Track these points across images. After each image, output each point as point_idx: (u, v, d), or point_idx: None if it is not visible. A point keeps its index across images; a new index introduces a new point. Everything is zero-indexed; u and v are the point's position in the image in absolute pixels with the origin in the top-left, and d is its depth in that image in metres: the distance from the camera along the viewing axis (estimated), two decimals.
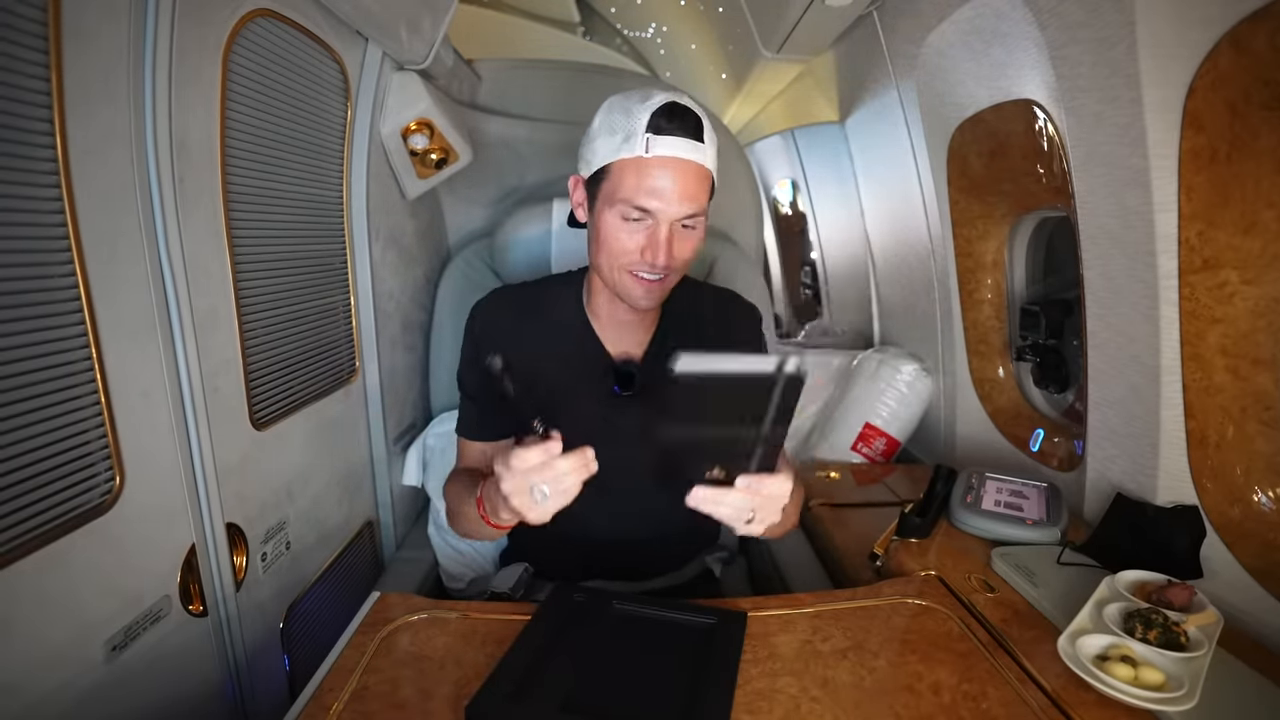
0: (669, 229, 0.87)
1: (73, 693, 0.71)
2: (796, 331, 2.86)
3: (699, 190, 0.88)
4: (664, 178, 0.85)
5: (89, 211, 0.71)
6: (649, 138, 0.85)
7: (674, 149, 0.85)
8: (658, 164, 0.85)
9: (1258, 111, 0.88)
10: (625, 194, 0.87)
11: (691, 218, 0.88)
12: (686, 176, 0.86)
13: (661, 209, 0.86)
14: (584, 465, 0.74)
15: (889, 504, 1.41)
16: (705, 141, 0.88)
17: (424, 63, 1.31)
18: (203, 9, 0.83)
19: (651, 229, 0.88)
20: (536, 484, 0.72)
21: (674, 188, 0.85)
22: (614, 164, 0.88)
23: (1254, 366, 0.97)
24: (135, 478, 0.78)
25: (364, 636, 0.82)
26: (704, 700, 0.69)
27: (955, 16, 1.31)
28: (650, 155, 0.85)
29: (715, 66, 2.63)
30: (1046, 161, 1.30)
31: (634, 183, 0.86)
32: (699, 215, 0.89)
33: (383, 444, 1.39)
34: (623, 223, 0.88)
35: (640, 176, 0.85)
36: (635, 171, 0.86)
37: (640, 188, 0.86)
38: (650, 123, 0.85)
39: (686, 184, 0.86)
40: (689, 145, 0.86)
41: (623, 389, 1.00)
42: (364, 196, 1.28)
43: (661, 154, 0.85)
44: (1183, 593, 0.83)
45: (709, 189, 0.91)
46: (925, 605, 0.90)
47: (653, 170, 0.85)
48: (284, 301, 1.09)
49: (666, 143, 0.85)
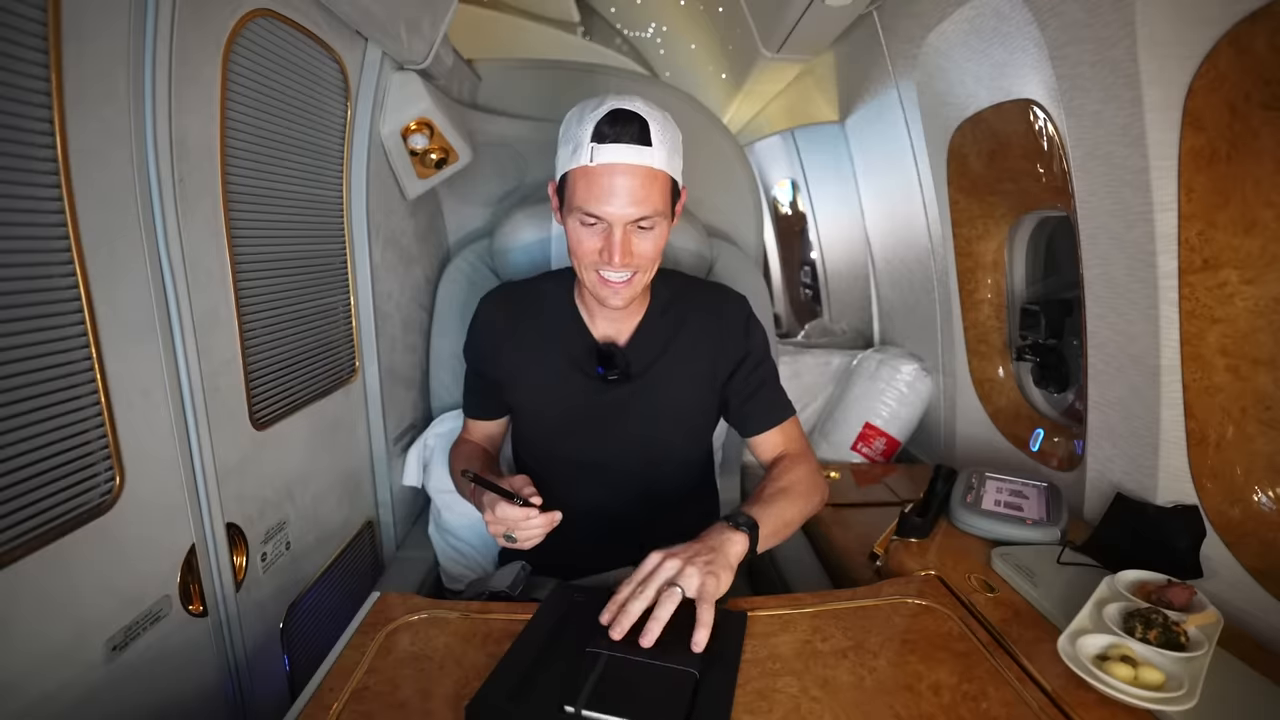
0: (622, 231, 0.91)
1: (73, 692, 0.71)
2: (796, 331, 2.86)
3: (648, 193, 0.90)
4: (607, 185, 0.89)
5: (89, 211, 0.71)
6: (593, 147, 0.89)
7: (617, 155, 0.89)
8: (603, 172, 0.89)
9: (1258, 111, 0.88)
10: (578, 201, 0.92)
11: (644, 219, 0.92)
12: (633, 181, 0.89)
13: (611, 213, 0.90)
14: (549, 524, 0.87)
15: (889, 504, 1.41)
16: (654, 144, 0.90)
17: (424, 62, 1.31)
18: (202, 9, 0.83)
19: (606, 232, 0.92)
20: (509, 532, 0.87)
21: (620, 194, 0.89)
22: (568, 173, 0.93)
23: (1254, 366, 0.97)
24: (135, 478, 0.78)
25: (364, 636, 0.82)
26: (704, 699, 0.69)
27: (955, 16, 1.31)
28: (595, 164, 0.89)
29: (715, 66, 2.63)
30: (1046, 161, 1.30)
31: (584, 191, 0.91)
32: (651, 216, 0.92)
33: (382, 444, 1.39)
34: (582, 228, 0.93)
35: (589, 185, 0.90)
36: (584, 180, 0.91)
37: (590, 195, 0.90)
38: (594, 132, 0.89)
39: (632, 189, 0.90)
40: (632, 150, 0.89)
41: (606, 370, 1.05)
42: (364, 196, 1.28)
43: (605, 161, 0.89)
44: (1183, 593, 0.83)
45: (664, 189, 0.93)
46: (925, 605, 0.90)
47: (599, 178, 0.89)
48: (284, 301, 1.09)
49: (609, 150, 0.89)
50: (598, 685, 0.69)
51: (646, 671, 0.72)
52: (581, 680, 0.69)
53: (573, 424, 1.08)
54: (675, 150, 0.95)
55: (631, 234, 0.92)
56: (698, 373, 1.08)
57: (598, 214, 0.91)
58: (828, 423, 1.89)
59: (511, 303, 1.11)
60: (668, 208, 0.95)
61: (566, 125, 0.95)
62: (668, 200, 0.95)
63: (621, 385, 1.06)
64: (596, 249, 0.93)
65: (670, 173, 0.94)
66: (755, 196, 1.85)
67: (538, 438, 1.14)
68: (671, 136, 0.94)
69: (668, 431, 1.10)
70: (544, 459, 1.14)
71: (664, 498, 1.13)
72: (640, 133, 0.89)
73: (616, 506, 1.11)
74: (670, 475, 1.14)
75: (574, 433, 1.09)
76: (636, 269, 0.95)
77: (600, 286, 0.96)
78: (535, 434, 1.15)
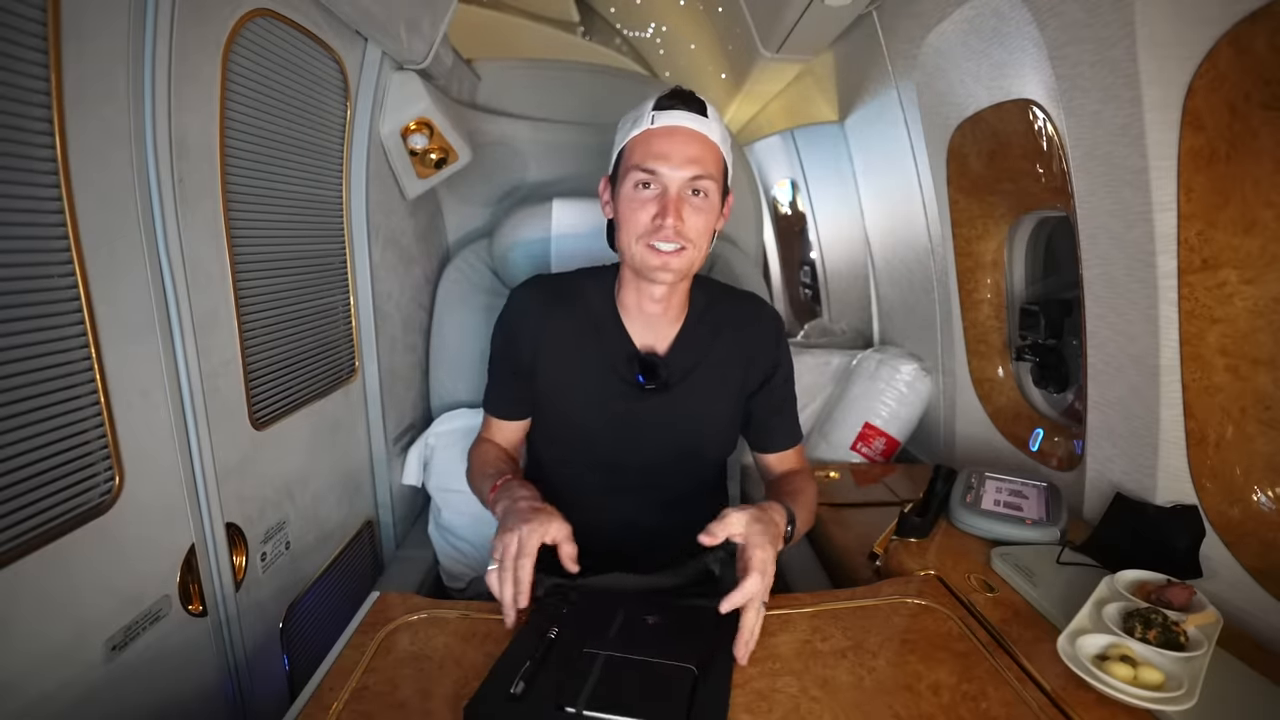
0: (678, 191, 0.94)
1: (72, 692, 0.71)
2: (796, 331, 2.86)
3: (703, 155, 0.94)
4: (668, 142, 0.93)
5: (88, 211, 0.71)
6: (654, 114, 0.95)
7: (676, 119, 0.94)
8: (662, 132, 0.94)
9: (1257, 111, 0.88)
10: (635, 160, 0.95)
11: (697, 180, 0.94)
12: (689, 142, 0.94)
13: (666, 170, 0.93)
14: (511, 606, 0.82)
15: (888, 504, 1.41)
16: (709, 118, 0.96)
17: (423, 62, 1.31)
18: (202, 9, 0.83)
19: (660, 194, 0.94)
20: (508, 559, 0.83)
21: (678, 150, 0.93)
22: (626, 144, 0.97)
23: (1253, 366, 0.97)
24: (135, 477, 0.78)
25: (363, 636, 0.82)
26: (703, 695, 0.69)
27: (955, 16, 1.31)
28: (656, 125, 0.94)
29: (715, 66, 2.63)
30: (1046, 161, 1.30)
31: (642, 150, 0.95)
32: (705, 179, 0.94)
33: (382, 444, 1.39)
34: (634, 192, 0.95)
35: (646, 144, 0.94)
36: (643, 142, 0.95)
37: (647, 153, 0.94)
38: (656, 103, 0.96)
39: (689, 148, 0.94)
40: (691, 117, 0.95)
41: (647, 380, 1.04)
42: (363, 196, 1.28)
43: (666, 123, 0.94)
44: (1182, 592, 0.83)
45: (717, 162, 0.97)
46: (925, 605, 0.91)
47: (657, 137, 0.94)
48: (283, 301, 1.09)
49: (669, 115, 0.94)
50: (597, 686, 0.69)
51: (645, 670, 0.72)
52: (580, 680, 0.69)
53: (604, 429, 1.06)
54: (726, 139, 0.99)
55: (685, 200, 0.94)
56: (730, 384, 1.08)
57: (656, 168, 0.93)
58: (827, 423, 1.89)
59: (549, 296, 1.07)
60: (720, 181, 0.97)
61: (625, 116, 1.01)
62: (720, 176, 0.97)
63: (658, 394, 1.04)
64: (650, 215, 0.94)
65: (723, 151, 0.98)
66: (755, 197, 1.85)
67: (562, 439, 1.11)
68: (725, 128, 0.99)
69: (698, 442, 1.10)
70: (565, 461, 1.12)
71: (679, 503, 1.11)
72: (700, 107, 0.96)
73: (631, 512, 1.09)
74: (690, 482, 1.13)
75: (604, 438, 1.06)
76: (686, 242, 0.95)
77: (650, 257, 0.95)
78: (560, 435, 1.11)
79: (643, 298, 1.03)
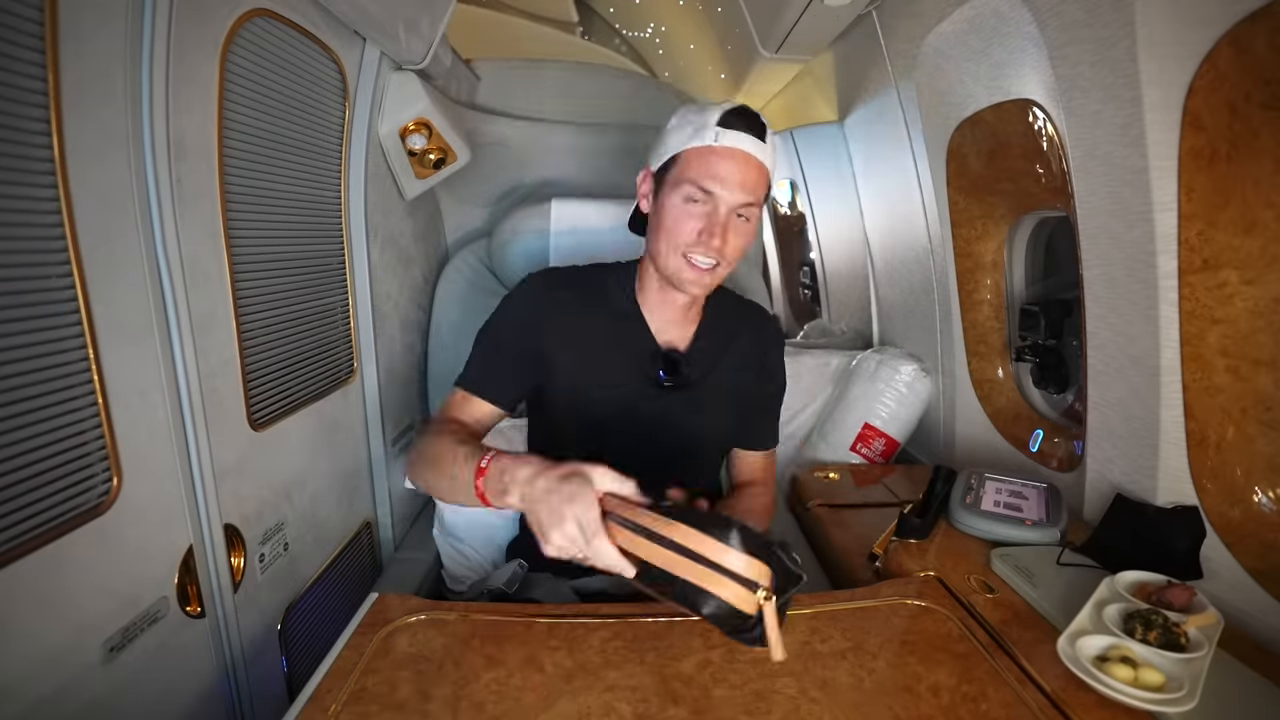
0: (727, 214, 0.94)
1: (70, 694, 0.71)
2: (795, 332, 2.86)
3: (757, 183, 0.95)
4: (728, 165, 0.93)
5: (86, 212, 0.71)
6: (719, 130, 0.93)
7: (739, 142, 0.93)
8: (724, 152, 0.93)
9: (1257, 111, 0.88)
10: (691, 175, 0.94)
11: (747, 207, 0.95)
12: (748, 168, 0.94)
13: (722, 193, 0.93)
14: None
15: (888, 505, 1.41)
16: (767, 143, 0.96)
17: (422, 63, 1.31)
18: (200, 9, 0.83)
19: (710, 212, 0.94)
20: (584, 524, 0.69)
21: (736, 175, 0.93)
22: (683, 152, 0.95)
23: (1254, 367, 0.97)
24: (133, 478, 0.78)
25: (362, 637, 0.82)
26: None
27: (954, 16, 1.31)
28: (718, 144, 0.93)
29: (714, 66, 2.62)
30: (1046, 161, 1.30)
31: (700, 167, 0.94)
32: (754, 206, 0.96)
33: (381, 445, 1.39)
34: (684, 205, 0.95)
35: (706, 162, 0.93)
36: (702, 157, 0.94)
37: (705, 171, 0.93)
38: (721, 118, 0.94)
39: (747, 174, 0.93)
40: (753, 142, 0.94)
41: (668, 375, 1.04)
42: (362, 196, 1.28)
43: (728, 144, 0.93)
44: (1183, 593, 0.83)
45: (766, 187, 0.97)
46: (924, 606, 0.90)
47: (719, 157, 0.93)
48: (282, 302, 1.09)
49: (733, 136, 0.93)
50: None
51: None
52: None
53: (619, 424, 1.04)
54: (777, 160, 0.99)
55: (732, 221, 0.95)
56: (743, 385, 1.11)
57: (712, 189, 0.93)
58: (827, 423, 1.89)
59: (567, 287, 1.06)
60: (762, 203, 0.98)
61: (683, 115, 0.98)
62: (765, 200, 0.98)
63: (676, 392, 1.05)
64: (696, 229, 0.94)
65: (771, 173, 0.98)
66: None
67: (570, 432, 1.06)
68: (775, 147, 0.98)
69: (710, 441, 1.12)
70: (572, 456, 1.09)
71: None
72: (761, 130, 0.95)
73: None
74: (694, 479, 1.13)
75: (618, 433, 1.03)
76: (722, 259, 0.96)
77: (685, 269, 0.97)
78: (569, 428, 1.06)
79: (666, 299, 1.05)
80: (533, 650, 0.79)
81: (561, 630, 0.83)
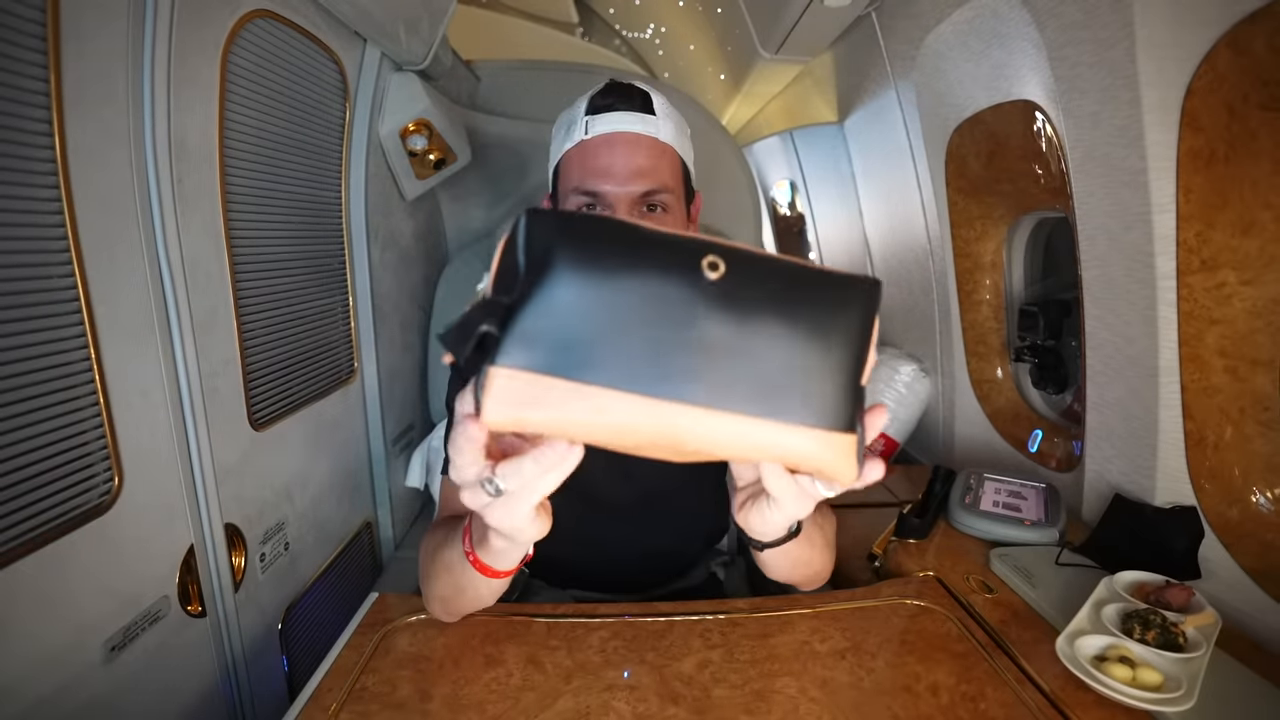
0: (629, 212, 0.78)
1: (71, 693, 0.71)
2: None
3: (653, 164, 0.78)
4: (607, 156, 0.78)
5: (88, 212, 0.71)
6: (588, 120, 0.79)
7: (616, 124, 0.78)
8: (599, 142, 0.78)
9: (1256, 112, 0.89)
10: (574, 182, 0.79)
11: (650, 195, 0.78)
12: (634, 150, 0.78)
13: (610, 189, 0.77)
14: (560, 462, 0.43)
15: (887, 505, 1.41)
16: (656, 114, 0.80)
17: (423, 63, 1.31)
18: (201, 10, 0.83)
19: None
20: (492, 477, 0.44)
21: (620, 163, 0.77)
22: (561, 159, 0.82)
23: (1252, 367, 0.97)
24: (134, 478, 0.78)
25: (362, 637, 0.82)
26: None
27: (954, 17, 1.31)
28: (590, 136, 0.78)
29: (714, 67, 2.63)
30: (1045, 162, 1.30)
31: (578, 168, 0.79)
32: (660, 193, 0.79)
33: (381, 445, 1.39)
34: None
35: (584, 161, 0.79)
36: (579, 156, 0.79)
37: (584, 171, 0.78)
38: (589, 105, 0.80)
39: (634, 158, 0.78)
40: (635, 118, 0.78)
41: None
42: (362, 197, 1.28)
43: (602, 131, 0.78)
44: (1181, 593, 0.83)
45: (673, 167, 0.81)
46: (924, 606, 0.90)
47: (595, 150, 0.78)
48: (283, 302, 1.09)
49: (606, 120, 0.78)
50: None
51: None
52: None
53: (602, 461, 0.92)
54: (683, 130, 0.83)
55: (639, 215, 0.78)
56: None
57: (596, 189, 0.77)
58: None
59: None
60: (679, 188, 0.82)
61: (560, 117, 0.85)
62: (679, 180, 0.82)
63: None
64: None
65: (679, 150, 0.82)
66: (754, 197, 1.85)
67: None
68: (678, 116, 0.83)
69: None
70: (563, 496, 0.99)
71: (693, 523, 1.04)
72: (642, 103, 0.80)
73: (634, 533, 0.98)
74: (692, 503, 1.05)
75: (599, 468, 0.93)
76: None
77: None
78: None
79: None
80: (532, 650, 0.79)
81: (561, 630, 0.83)
